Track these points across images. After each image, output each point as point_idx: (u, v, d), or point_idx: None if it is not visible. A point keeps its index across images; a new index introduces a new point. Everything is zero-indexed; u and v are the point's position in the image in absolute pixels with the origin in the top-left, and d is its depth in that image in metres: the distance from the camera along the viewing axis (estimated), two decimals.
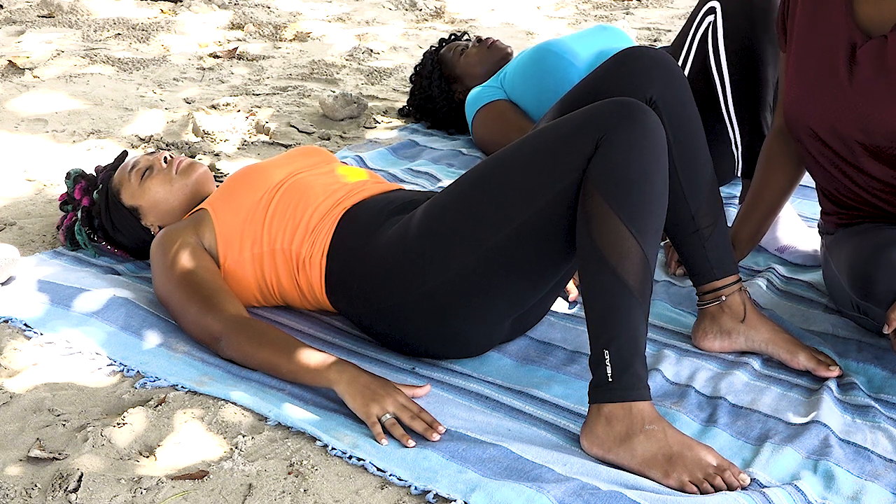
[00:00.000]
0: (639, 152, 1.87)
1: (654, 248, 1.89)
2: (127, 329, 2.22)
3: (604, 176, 1.87)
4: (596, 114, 1.92)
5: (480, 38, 3.66)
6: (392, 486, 1.77)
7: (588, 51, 3.27)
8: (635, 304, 1.84)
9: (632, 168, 1.87)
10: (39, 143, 3.45)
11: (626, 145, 1.87)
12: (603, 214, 1.86)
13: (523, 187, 1.96)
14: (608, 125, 1.89)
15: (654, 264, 1.90)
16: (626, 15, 5.70)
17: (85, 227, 2.56)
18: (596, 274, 1.86)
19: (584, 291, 1.89)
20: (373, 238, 2.13)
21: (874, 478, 1.84)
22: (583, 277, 1.89)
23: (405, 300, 2.07)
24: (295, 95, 4.10)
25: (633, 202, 1.86)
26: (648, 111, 1.91)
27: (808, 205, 3.04)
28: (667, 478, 1.78)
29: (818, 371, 2.14)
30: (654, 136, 1.90)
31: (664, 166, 1.91)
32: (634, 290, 1.84)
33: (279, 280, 2.25)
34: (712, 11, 2.73)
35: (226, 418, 1.94)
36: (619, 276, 1.84)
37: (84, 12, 5.21)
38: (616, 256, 1.84)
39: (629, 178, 1.86)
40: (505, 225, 1.97)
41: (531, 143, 1.99)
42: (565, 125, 1.95)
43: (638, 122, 1.89)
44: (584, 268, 1.89)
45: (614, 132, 1.88)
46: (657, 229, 1.90)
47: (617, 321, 1.84)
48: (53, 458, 1.82)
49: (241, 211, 2.26)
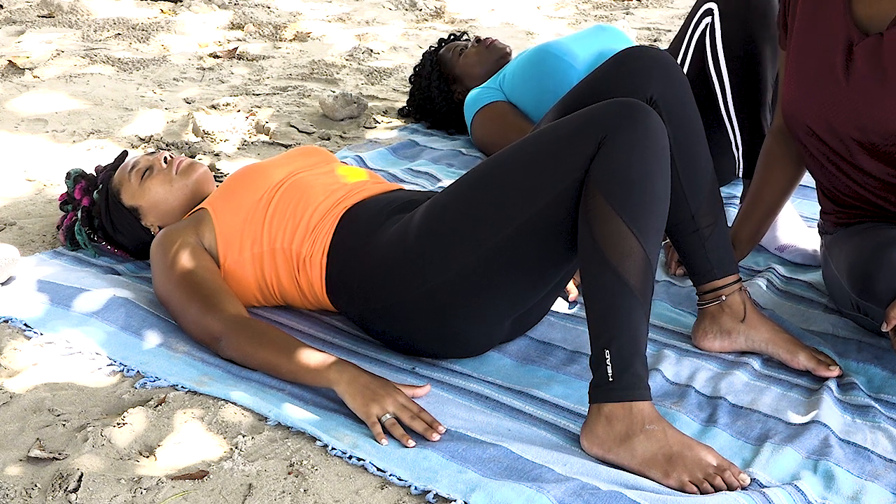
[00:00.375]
0: (641, 152, 1.88)
1: (656, 249, 1.89)
2: (127, 329, 2.22)
3: (606, 176, 1.87)
4: (598, 114, 1.92)
5: (479, 38, 3.66)
6: (392, 486, 1.77)
7: (587, 52, 3.27)
8: (636, 304, 1.84)
9: (634, 168, 1.87)
10: (39, 143, 3.45)
11: (629, 145, 1.87)
12: (605, 214, 1.86)
13: (524, 187, 1.96)
14: (610, 125, 1.89)
15: (656, 265, 1.90)
16: (626, 15, 5.70)
17: (85, 227, 2.56)
18: (597, 274, 1.86)
19: (585, 291, 1.89)
20: (373, 237, 2.13)
21: (874, 478, 1.84)
22: (584, 277, 1.89)
23: (405, 299, 2.07)
24: (295, 95, 4.11)
25: (634, 202, 1.86)
26: (651, 111, 1.91)
27: (808, 205, 3.04)
28: (667, 477, 1.78)
29: (818, 371, 2.14)
30: (657, 136, 1.90)
31: (666, 167, 1.91)
32: (636, 289, 1.84)
33: (279, 279, 2.26)
34: (710, 13, 2.73)
35: (226, 418, 1.94)
36: (621, 275, 1.84)
37: (84, 12, 5.21)
38: (617, 256, 1.84)
39: (631, 178, 1.87)
40: (506, 225, 1.97)
41: (533, 143, 1.99)
42: (567, 125, 1.95)
43: (640, 122, 1.89)
44: (585, 268, 1.89)
45: (616, 132, 1.88)
46: (658, 230, 1.90)
47: (618, 321, 1.84)
48: (53, 458, 1.82)
49: (241, 210, 2.26)
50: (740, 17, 2.68)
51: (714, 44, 2.71)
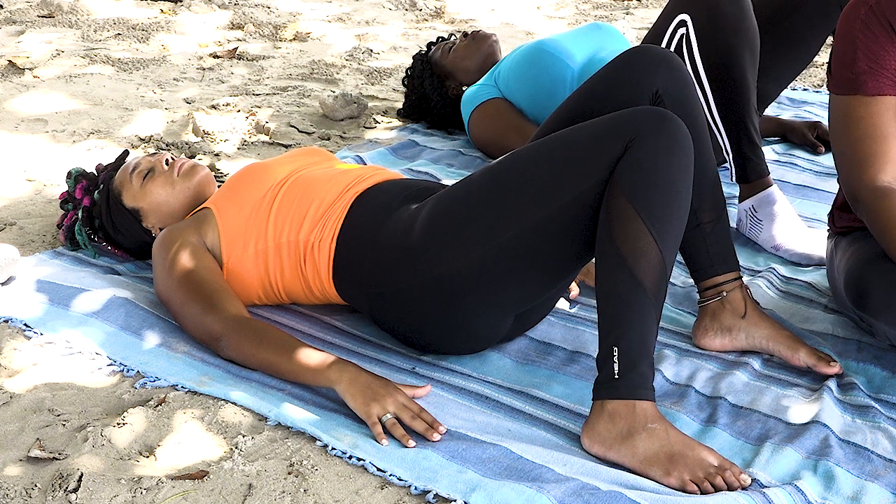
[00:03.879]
0: (667, 159, 1.90)
1: (672, 254, 1.91)
2: (127, 329, 2.22)
3: (631, 177, 1.89)
4: (628, 118, 1.94)
5: (466, 33, 3.68)
6: (392, 486, 1.77)
7: (583, 51, 3.28)
8: (649, 305, 1.85)
9: (659, 173, 1.89)
10: (39, 143, 3.45)
11: (656, 150, 1.90)
12: (626, 215, 1.88)
13: (547, 182, 1.97)
14: (640, 129, 1.91)
15: (671, 270, 1.91)
16: (626, 15, 5.70)
17: (85, 228, 2.56)
18: (613, 272, 1.87)
19: (598, 288, 1.90)
20: (387, 221, 2.13)
21: (874, 478, 1.84)
22: (599, 276, 1.91)
23: (415, 284, 2.07)
24: (295, 95, 4.10)
25: (656, 205, 1.88)
26: (680, 122, 1.93)
27: (808, 205, 3.04)
28: (667, 476, 1.78)
29: (819, 367, 2.14)
30: (684, 146, 1.92)
31: (689, 177, 1.94)
32: (650, 291, 1.85)
33: (283, 274, 2.25)
34: (683, 24, 2.74)
35: (226, 418, 1.94)
36: (636, 275, 1.85)
37: (84, 12, 5.21)
38: (634, 256, 1.86)
39: (656, 181, 1.89)
40: (524, 218, 1.98)
41: (559, 141, 2.01)
42: (595, 127, 1.98)
43: (669, 130, 1.91)
44: (601, 265, 1.90)
45: (645, 137, 1.90)
46: (677, 236, 1.92)
47: (629, 319, 1.85)
48: (53, 458, 1.82)
49: (245, 208, 2.26)
50: (714, 29, 2.69)
51: (692, 54, 2.72)
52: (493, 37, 3.67)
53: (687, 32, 2.73)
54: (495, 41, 3.65)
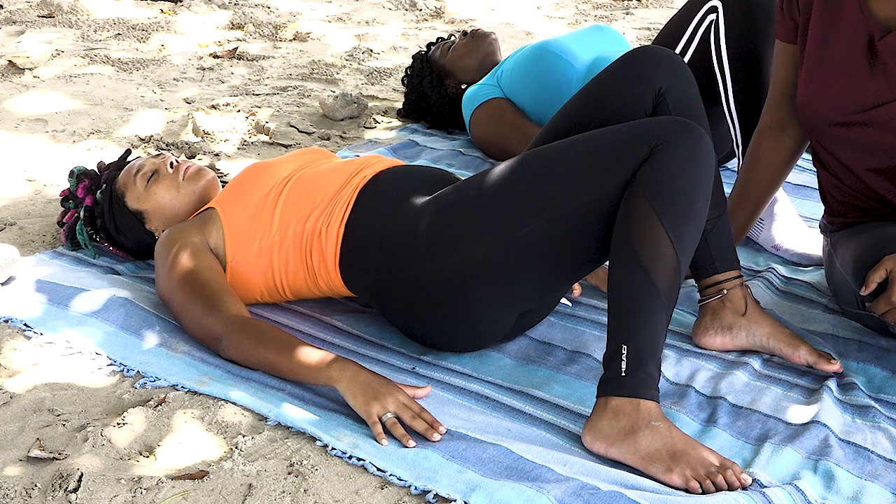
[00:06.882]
0: (691, 165, 1.92)
1: (687, 261, 1.92)
2: (126, 329, 2.22)
3: (653, 180, 1.91)
4: (655, 124, 1.97)
5: (465, 32, 3.68)
6: (392, 486, 1.77)
7: (586, 53, 3.28)
8: (661, 307, 1.86)
9: (681, 178, 1.91)
10: (39, 143, 3.45)
11: (680, 156, 1.92)
12: (645, 217, 1.89)
13: (568, 181, 1.98)
14: (666, 136, 1.93)
15: (684, 275, 1.92)
16: (626, 15, 5.70)
17: (87, 227, 2.56)
18: (627, 272, 1.88)
19: (611, 287, 1.91)
20: (399, 206, 2.14)
21: (874, 478, 1.84)
22: (612, 274, 1.91)
23: (424, 271, 2.07)
24: (295, 95, 4.11)
25: (676, 209, 1.90)
26: (705, 135, 1.96)
27: (808, 205, 3.04)
28: (669, 473, 1.78)
29: (819, 365, 2.14)
30: (707, 156, 1.95)
31: (709, 188, 1.96)
32: (663, 293, 1.87)
33: (287, 268, 2.24)
34: (714, 10, 2.75)
35: (226, 418, 1.94)
36: (650, 276, 1.86)
37: (84, 12, 5.21)
38: (650, 257, 1.87)
39: (677, 186, 1.90)
40: (541, 215, 1.99)
41: (582, 142, 2.03)
42: (620, 131, 2.00)
43: (694, 139, 1.94)
44: (615, 264, 1.91)
45: (670, 143, 1.93)
46: (692, 242, 1.93)
47: (640, 318, 1.86)
48: (53, 458, 1.82)
49: (249, 206, 2.26)
50: (744, 18, 2.70)
51: (718, 41, 2.73)
52: (493, 35, 3.67)
53: (717, 19, 2.74)
54: (494, 39, 3.65)
